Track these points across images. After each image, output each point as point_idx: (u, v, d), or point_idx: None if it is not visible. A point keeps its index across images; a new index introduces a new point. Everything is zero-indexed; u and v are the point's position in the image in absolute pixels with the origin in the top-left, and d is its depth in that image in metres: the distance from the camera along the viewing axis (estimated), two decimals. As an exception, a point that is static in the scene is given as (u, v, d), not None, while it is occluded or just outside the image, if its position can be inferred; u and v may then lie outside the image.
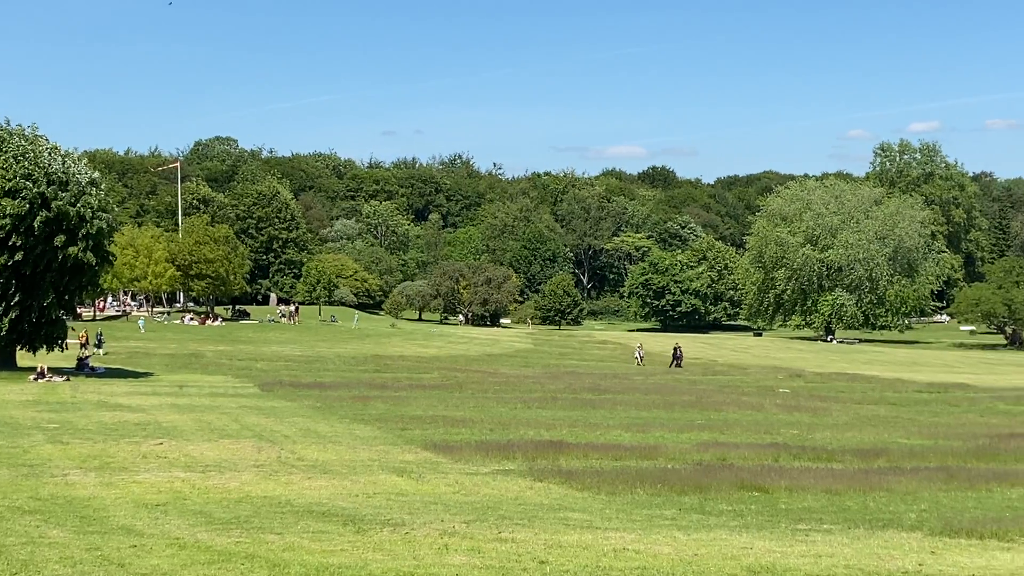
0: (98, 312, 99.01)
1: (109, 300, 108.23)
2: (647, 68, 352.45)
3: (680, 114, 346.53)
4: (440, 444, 26.23)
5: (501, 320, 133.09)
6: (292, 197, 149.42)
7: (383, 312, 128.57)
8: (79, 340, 58.09)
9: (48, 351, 48.66)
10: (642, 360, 70.83)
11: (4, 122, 47.19)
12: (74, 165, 46.76)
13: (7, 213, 43.75)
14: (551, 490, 20.10)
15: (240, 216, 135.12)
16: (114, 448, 23.47)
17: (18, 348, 48.13)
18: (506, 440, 27.09)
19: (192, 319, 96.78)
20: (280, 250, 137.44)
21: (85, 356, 51.64)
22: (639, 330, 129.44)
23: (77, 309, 60.36)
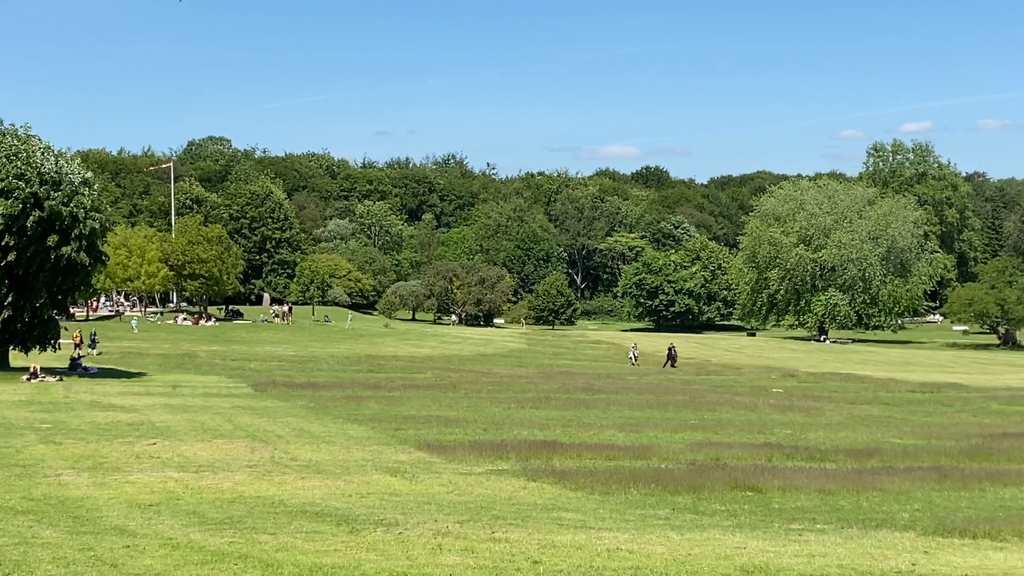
0: (91, 312, 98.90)
1: (102, 300, 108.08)
2: (641, 68, 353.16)
3: (674, 114, 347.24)
4: (434, 444, 26.22)
5: (495, 320, 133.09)
6: (285, 197, 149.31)
7: (377, 312, 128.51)
8: (73, 340, 58.01)
9: (41, 351, 48.62)
10: (636, 360, 70.86)
11: (-3, 122, 47.23)
12: (67, 165, 46.68)
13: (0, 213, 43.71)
14: (545, 490, 20.09)
15: (233, 216, 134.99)
16: (107, 448, 23.43)
17: (11, 348, 48.07)
18: (500, 440, 27.08)
19: (185, 319, 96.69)
20: (273, 250, 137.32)
21: (78, 356, 51.57)
22: (632, 330, 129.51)
23: (70, 309, 60.31)
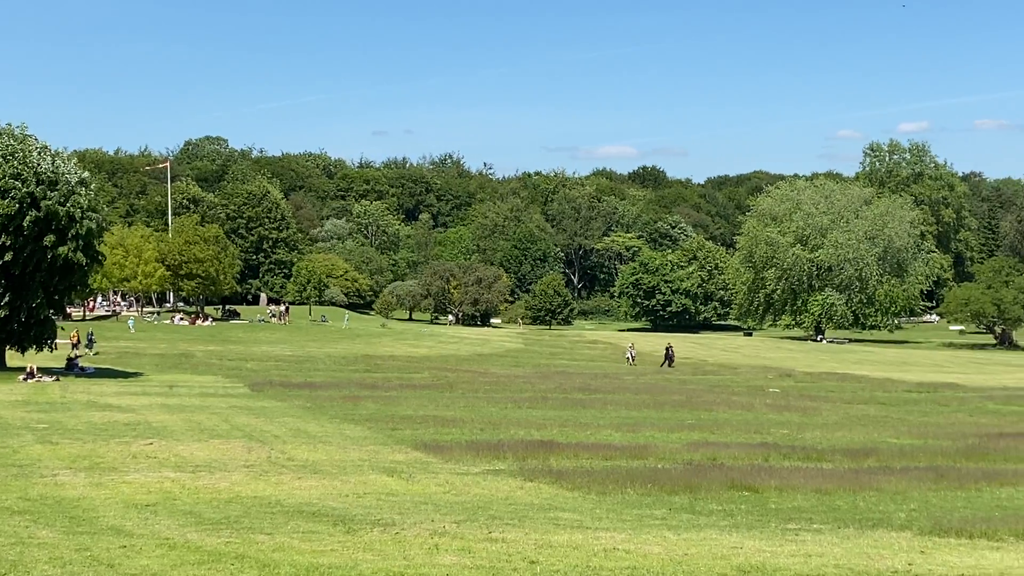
0: (88, 312, 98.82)
1: (99, 300, 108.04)
2: (637, 68, 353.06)
3: (670, 114, 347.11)
4: (430, 444, 26.22)
5: (491, 320, 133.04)
6: (282, 197, 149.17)
7: (373, 312, 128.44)
8: (71, 340, 57.97)
9: (37, 351, 48.57)
10: (634, 360, 70.85)
11: (-7, 122, 47.15)
12: (63, 164, 46.62)
13: (-4, 213, 43.68)
14: (541, 490, 20.09)
15: (230, 216, 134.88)
16: (104, 448, 23.42)
17: (7, 348, 48.03)
18: (496, 440, 27.08)
19: (182, 319, 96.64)
20: (270, 250, 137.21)
21: (75, 356, 51.53)
22: (629, 330, 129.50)
23: (67, 309, 60.24)
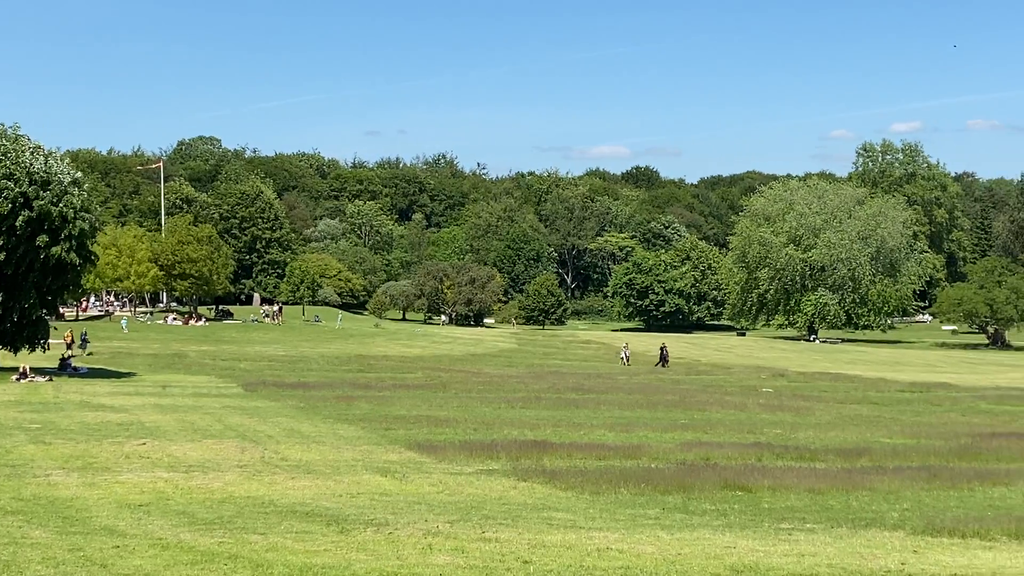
0: (81, 312, 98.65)
1: (92, 300, 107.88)
2: (631, 68, 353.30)
3: (664, 114, 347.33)
4: (424, 444, 26.22)
5: (485, 320, 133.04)
6: (275, 197, 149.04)
7: (367, 312, 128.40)
8: (64, 340, 57.85)
9: (30, 351, 48.46)
10: (628, 360, 70.88)
11: (-14, 122, 47.05)
12: (56, 164, 46.54)
13: (-11, 213, 43.60)
14: (535, 490, 20.10)
15: (223, 216, 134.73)
16: (97, 448, 23.38)
17: (0, 348, 47.93)
18: (490, 440, 27.09)
19: (175, 319, 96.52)
20: (263, 250, 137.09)
21: (68, 356, 51.44)
22: (623, 330, 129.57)
23: (60, 309, 60.11)
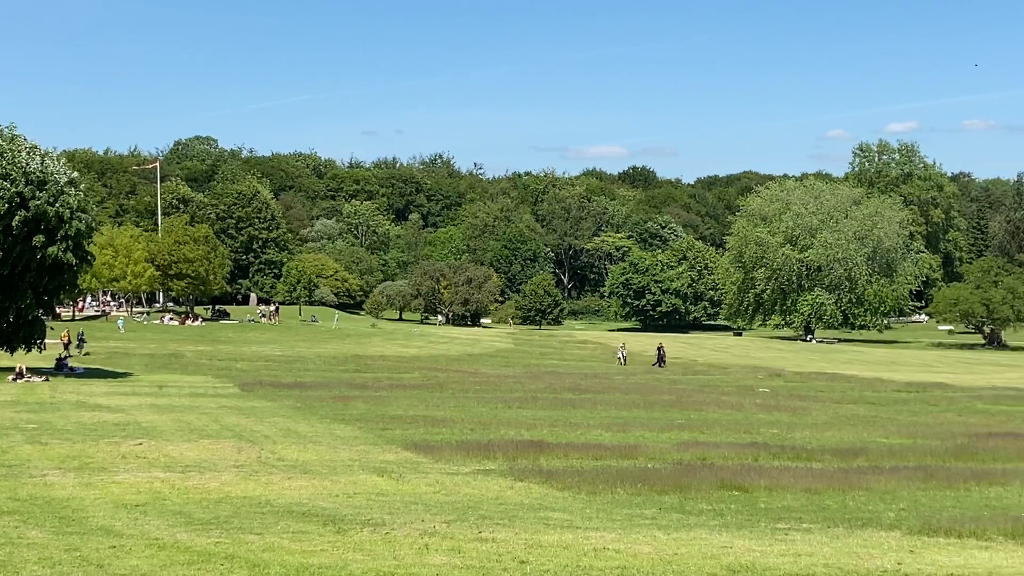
0: (77, 312, 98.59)
1: (88, 300, 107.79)
2: (627, 68, 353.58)
3: (660, 114, 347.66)
4: (421, 444, 26.20)
5: (481, 320, 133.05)
6: (272, 197, 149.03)
7: (363, 312, 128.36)
8: (61, 340, 57.79)
9: (27, 351, 48.42)
10: (625, 360, 70.88)
11: (-18, 122, 47.00)
12: (53, 164, 46.49)
13: (-15, 213, 43.55)
14: (531, 490, 20.09)
15: (220, 216, 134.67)
16: (93, 448, 23.35)
17: (-4, 348, 47.93)
18: (487, 440, 27.07)
19: (172, 319, 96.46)
20: (260, 250, 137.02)
21: (64, 356, 51.38)
22: (619, 330, 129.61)
23: (56, 309, 60.07)
